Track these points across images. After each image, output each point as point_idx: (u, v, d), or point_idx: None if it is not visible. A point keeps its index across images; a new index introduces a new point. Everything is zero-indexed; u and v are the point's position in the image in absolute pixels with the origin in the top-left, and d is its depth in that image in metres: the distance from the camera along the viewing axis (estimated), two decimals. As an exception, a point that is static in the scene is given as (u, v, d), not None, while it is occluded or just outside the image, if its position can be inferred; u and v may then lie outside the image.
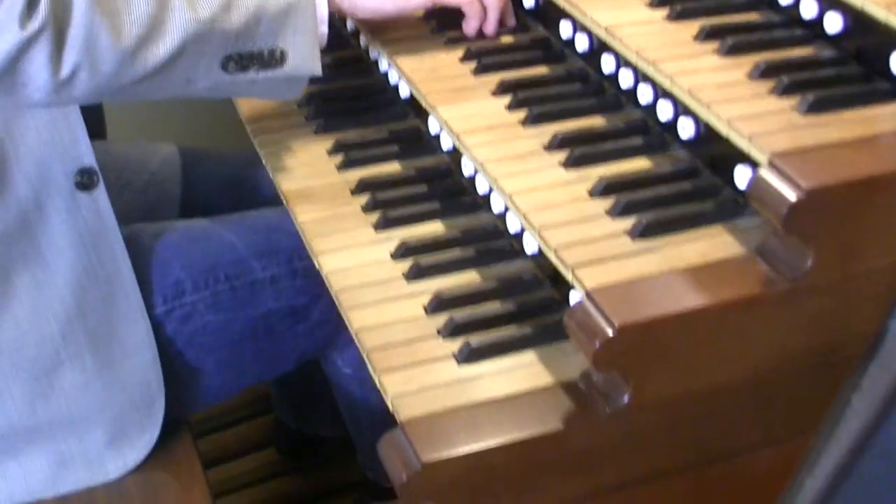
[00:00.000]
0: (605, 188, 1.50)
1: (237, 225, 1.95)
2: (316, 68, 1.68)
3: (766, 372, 1.43)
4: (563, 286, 1.48)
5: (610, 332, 1.28)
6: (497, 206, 1.66)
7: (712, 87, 1.48)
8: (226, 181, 2.24)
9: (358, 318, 1.52)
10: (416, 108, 1.92)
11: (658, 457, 1.46)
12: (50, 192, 1.66)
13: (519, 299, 1.54)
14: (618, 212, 1.46)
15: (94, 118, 2.26)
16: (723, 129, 1.42)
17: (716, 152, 1.52)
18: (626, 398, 1.34)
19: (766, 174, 1.32)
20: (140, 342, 1.77)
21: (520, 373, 1.43)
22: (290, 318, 1.91)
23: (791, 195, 1.28)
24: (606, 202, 1.48)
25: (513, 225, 1.61)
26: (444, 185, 1.78)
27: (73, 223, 1.68)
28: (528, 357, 1.46)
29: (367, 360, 1.47)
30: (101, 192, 1.71)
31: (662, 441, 1.44)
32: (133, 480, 1.81)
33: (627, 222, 1.44)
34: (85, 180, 1.68)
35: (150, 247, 1.85)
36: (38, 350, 1.70)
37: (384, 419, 1.98)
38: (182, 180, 2.20)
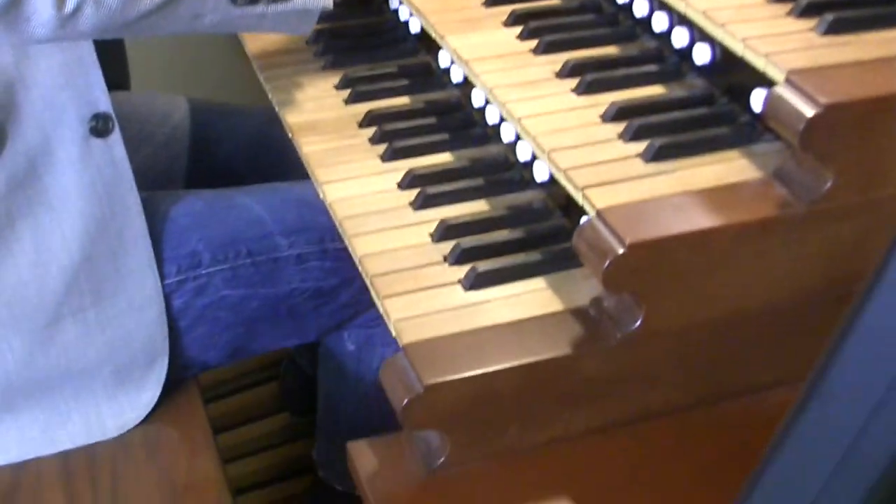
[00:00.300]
0: (617, 113, 1.46)
1: (267, 197, 1.87)
2: (327, 1, 1.64)
3: (783, 302, 1.38)
4: (575, 215, 1.44)
5: (620, 250, 1.24)
6: (507, 135, 1.61)
7: (728, 10, 1.43)
8: (249, 138, 2.18)
9: (362, 245, 1.48)
10: (426, 45, 1.88)
11: (670, 390, 1.41)
12: (62, 137, 1.60)
13: (528, 228, 1.50)
14: (630, 136, 1.42)
15: (117, 69, 2.23)
16: (738, 49, 1.38)
17: (732, 79, 1.47)
18: (637, 323, 1.30)
19: (783, 91, 1.28)
20: (147, 298, 1.72)
21: (528, 299, 1.39)
22: (315, 300, 1.84)
23: (808, 111, 1.24)
24: (618, 126, 1.44)
25: (523, 153, 1.57)
26: (454, 118, 1.74)
27: (84, 170, 1.62)
28: (537, 284, 1.41)
29: (370, 286, 1.43)
30: (116, 140, 1.65)
31: (674, 373, 1.40)
32: (138, 437, 1.75)
33: (640, 146, 1.40)
34: (100, 126, 1.62)
35: (168, 213, 1.78)
36: (40, 301, 1.65)
37: (366, 413, 1.94)
38: (205, 135, 2.15)
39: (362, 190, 1.59)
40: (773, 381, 1.44)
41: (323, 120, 1.76)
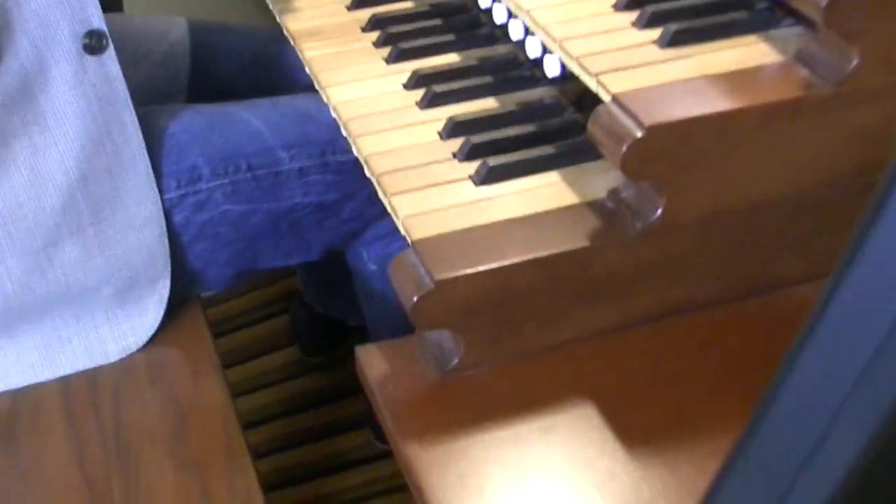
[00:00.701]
0: (629, 1, 1.40)
1: (267, 111, 1.82)
2: None
3: (809, 191, 1.32)
4: (588, 109, 1.37)
5: (638, 133, 1.19)
6: (515, 33, 1.55)
7: None
8: (252, 57, 2.13)
9: (367, 145, 1.43)
10: (430, -48, 1.82)
11: (692, 286, 1.35)
12: (56, 54, 1.55)
13: (540, 123, 1.44)
14: (644, 23, 1.36)
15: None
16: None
17: (750, -34, 1.41)
18: (658, 213, 1.24)
19: (804, -36, 1.22)
20: (148, 217, 1.67)
21: (542, 193, 1.33)
22: (318, 214, 1.79)
23: (832, -18, 1.18)
24: (631, 15, 1.39)
25: (532, 50, 1.51)
26: (460, 19, 1.68)
27: (79, 88, 1.57)
28: (551, 178, 1.36)
29: (376, 185, 1.37)
30: (110, 57, 1.59)
31: (697, 268, 1.34)
32: (141, 361, 1.70)
33: (654, 32, 1.35)
34: (93, 43, 1.57)
35: (166, 128, 1.74)
36: (37, 221, 1.60)
37: (406, 322, 1.91)
38: (205, 55, 2.09)
39: (367, 92, 1.53)
40: (800, 277, 1.38)
41: (325, 25, 1.70)
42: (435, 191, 1.34)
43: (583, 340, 1.32)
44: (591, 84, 1.28)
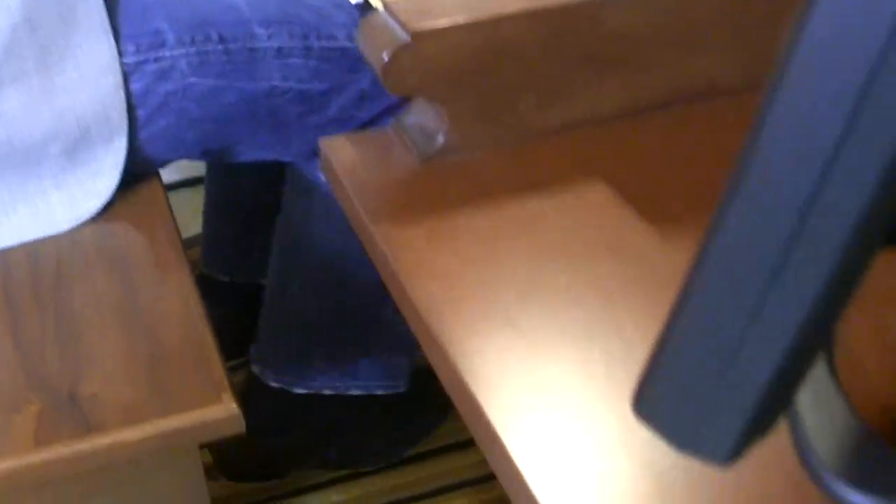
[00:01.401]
0: None
1: None
2: None
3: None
4: None
5: None
6: None
7: None
8: None
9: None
10: None
11: (713, 63, 1.15)
12: None
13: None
14: None
15: None
16: None
17: None
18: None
19: None
20: (101, 68, 1.47)
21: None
22: (301, 105, 1.60)
23: None
24: None
25: None
26: None
27: None
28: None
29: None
30: None
31: (718, 39, 1.14)
32: (90, 233, 1.50)
33: None
34: None
35: None
36: None
37: (330, 274, 1.74)
38: None
39: None
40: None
41: None
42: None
43: (591, 124, 1.12)
44: None
